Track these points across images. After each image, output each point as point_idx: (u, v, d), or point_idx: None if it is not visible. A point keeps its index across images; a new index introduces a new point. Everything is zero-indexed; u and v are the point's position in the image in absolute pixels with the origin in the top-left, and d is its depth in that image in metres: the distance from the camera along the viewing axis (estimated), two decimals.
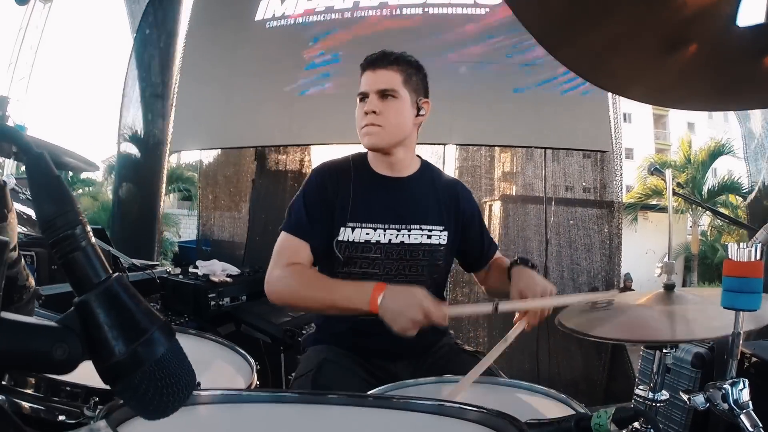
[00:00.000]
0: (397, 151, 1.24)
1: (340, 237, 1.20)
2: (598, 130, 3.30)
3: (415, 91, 1.23)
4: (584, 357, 3.27)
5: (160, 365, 0.39)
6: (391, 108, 1.19)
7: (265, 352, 2.15)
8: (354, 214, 1.20)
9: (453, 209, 1.30)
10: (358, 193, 1.21)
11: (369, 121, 1.19)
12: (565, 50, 0.58)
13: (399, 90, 1.20)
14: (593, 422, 0.60)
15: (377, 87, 1.19)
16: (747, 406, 0.78)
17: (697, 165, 13.73)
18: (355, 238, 1.20)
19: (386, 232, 1.21)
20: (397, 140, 1.22)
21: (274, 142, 3.78)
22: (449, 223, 1.28)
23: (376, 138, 1.20)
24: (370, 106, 1.18)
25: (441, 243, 1.26)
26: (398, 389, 0.98)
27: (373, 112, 1.18)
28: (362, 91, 1.22)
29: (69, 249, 0.38)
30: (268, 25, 3.81)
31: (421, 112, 1.25)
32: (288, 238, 1.19)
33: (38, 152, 0.38)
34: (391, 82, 1.20)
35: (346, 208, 1.20)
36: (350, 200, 1.20)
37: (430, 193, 1.28)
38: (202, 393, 0.62)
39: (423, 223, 1.24)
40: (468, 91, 3.29)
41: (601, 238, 3.34)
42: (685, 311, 1.01)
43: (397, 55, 1.22)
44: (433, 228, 1.25)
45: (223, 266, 2.56)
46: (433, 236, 1.25)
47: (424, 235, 1.24)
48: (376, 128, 1.19)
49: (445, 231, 1.26)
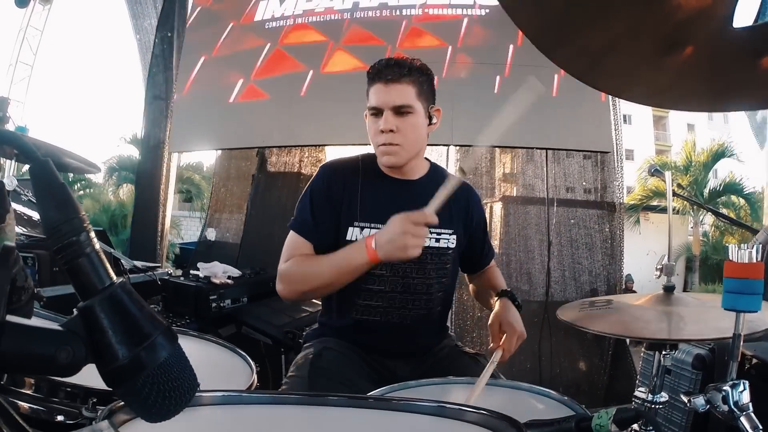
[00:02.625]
0: (410, 162, 1.23)
1: (348, 236, 1.19)
2: (600, 131, 3.30)
3: (428, 101, 1.21)
4: (586, 357, 3.27)
5: (163, 369, 0.39)
6: (408, 124, 1.16)
7: (265, 353, 2.16)
8: (363, 214, 1.19)
9: (463, 214, 1.29)
10: (366, 193, 1.20)
11: (387, 141, 1.15)
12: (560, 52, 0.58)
13: (414, 104, 1.16)
14: (594, 423, 0.61)
15: (392, 104, 1.15)
16: (747, 408, 0.78)
17: (699, 166, 13.73)
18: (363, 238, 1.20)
19: None
20: (415, 154, 1.21)
21: (275, 143, 3.79)
22: (458, 227, 1.27)
23: (396, 158, 1.17)
24: (387, 124, 1.14)
25: (450, 246, 1.26)
26: (401, 390, 0.98)
27: (390, 131, 1.14)
28: (375, 106, 1.17)
29: (74, 255, 0.38)
30: (268, 26, 3.82)
31: (433, 120, 1.23)
32: (294, 237, 1.21)
33: (43, 159, 0.39)
34: (406, 97, 1.15)
35: (355, 208, 1.19)
36: (359, 200, 1.20)
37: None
38: (203, 394, 0.62)
39: (432, 227, 1.21)
40: (469, 91, 3.29)
41: (603, 239, 3.34)
42: (684, 313, 1.01)
43: (409, 66, 1.17)
44: (442, 231, 1.24)
45: (225, 268, 2.56)
46: (442, 240, 1.24)
47: (433, 239, 1.23)
48: (395, 147, 1.16)
49: (454, 235, 1.26)
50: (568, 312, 1.07)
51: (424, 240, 1.01)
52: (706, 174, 13.88)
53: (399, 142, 1.16)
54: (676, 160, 15.27)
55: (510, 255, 3.28)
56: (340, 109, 3.32)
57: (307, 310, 2.38)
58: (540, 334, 3.08)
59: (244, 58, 3.82)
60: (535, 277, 3.28)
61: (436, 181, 1.28)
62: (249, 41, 3.86)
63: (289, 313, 2.35)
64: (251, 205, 3.80)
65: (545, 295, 3.25)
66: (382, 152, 1.19)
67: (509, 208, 3.44)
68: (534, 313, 3.20)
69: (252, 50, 3.82)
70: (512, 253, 3.29)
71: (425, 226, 0.99)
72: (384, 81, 1.16)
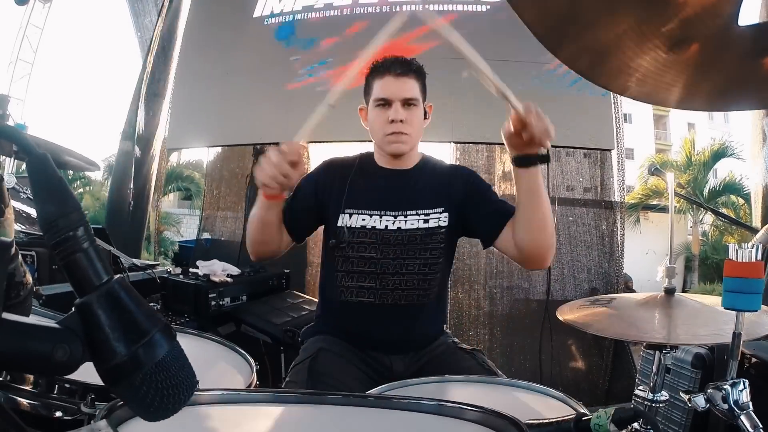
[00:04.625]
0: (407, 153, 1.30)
1: (338, 222, 1.25)
2: (602, 128, 3.29)
3: (424, 98, 1.30)
4: (586, 356, 3.27)
5: (161, 367, 0.39)
6: (414, 116, 1.25)
7: (265, 352, 2.15)
8: (350, 201, 1.25)
9: (449, 188, 1.28)
10: (355, 183, 1.27)
11: (398, 129, 1.23)
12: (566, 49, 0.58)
13: (419, 98, 1.26)
14: (593, 422, 0.61)
15: (402, 95, 1.23)
16: (747, 407, 0.78)
17: (699, 165, 13.73)
18: (351, 224, 1.25)
19: (382, 218, 1.25)
20: (416, 143, 1.30)
21: (271, 140, 3.78)
22: (450, 204, 1.27)
23: (405, 146, 1.26)
24: (397, 114, 1.22)
25: (441, 225, 1.26)
26: (400, 388, 0.98)
27: (401, 120, 1.22)
28: (384, 97, 1.24)
29: (71, 251, 0.38)
30: (266, 21, 3.81)
31: (427, 116, 1.31)
32: None
33: (41, 153, 0.38)
34: (413, 90, 1.25)
35: (341, 197, 1.25)
36: (347, 187, 1.26)
37: (428, 180, 1.30)
38: (202, 393, 0.62)
39: (419, 208, 1.26)
40: (469, 88, 3.28)
41: (604, 238, 3.34)
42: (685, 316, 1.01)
43: (414, 63, 1.27)
44: (431, 211, 1.26)
45: (224, 266, 2.56)
46: (431, 219, 1.26)
47: (421, 220, 1.26)
48: (404, 136, 1.24)
49: (446, 212, 1.26)
50: (568, 312, 1.07)
51: (273, 173, 1.00)
52: (706, 173, 13.88)
53: (407, 132, 1.24)
54: (677, 159, 15.28)
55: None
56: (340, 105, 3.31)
57: (307, 309, 2.38)
58: (540, 332, 3.08)
59: (242, 54, 3.81)
60: (535, 275, 3.27)
61: (429, 168, 1.33)
62: (247, 37, 3.85)
63: (288, 311, 2.35)
64: (250, 204, 3.79)
65: (545, 293, 3.25)
66: (390, 141, 1.24)
67: None
68: (534, 312, 3.20)
69: (250, 46, 3.81)
70: None
71: (282, 161, 1.00)
72: (394, 74, 1.23)
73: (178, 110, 4.04)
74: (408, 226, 1.25)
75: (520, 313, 3.26)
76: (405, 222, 1.25)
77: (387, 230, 1.24)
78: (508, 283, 3.28)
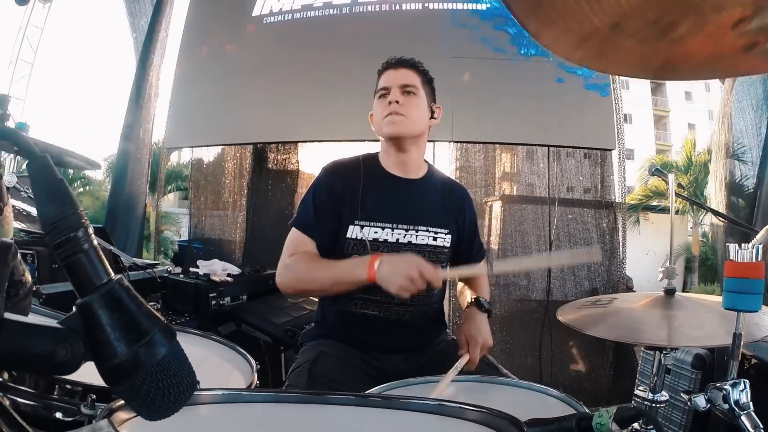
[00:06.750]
0: (411, 149, 1.29)
1: (348, 234, 1.23)
2: (602, 128, 3.29)
3: (430, 96, 1.33)
4: (588, 355, 3.26)
5: (162, 367, 0.39)
6: (412, 102, 1.27)
7: (265, 351, 2.15)
8: (363, 212, 1.23)
9: (456, 213, 1.34)
10: (367, 192, 1.25)
11: (393, 110, 1.25)
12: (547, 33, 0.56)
13: (419, 88, 1.29)
14: (594, 422, 0.61)
15: (400, 82, 1.27)
16: (748, 407, 0.78)
17: (700, 166, 13.71)
18: (363, 236, 1.23)
19: (394, 231, 1.24)
20: (416, 133, 1.28)
21: (270, 139, 3.78)
22: (453, 226, 1.32)
23: (400, 126, 1.25)
24: (394, 96, 1.25)
25: (445, 246, 1.30)
26: (401, 387, 0.98)
27: (396, 102, 1.25)
28: (384, 86, 1.29)
29: (72, 251, 0.38)
30: (266, 20, 3.81)
31: (434, 115, 1.33)
32: (296, 234, 1.25)
33: (41, 155, 0.38)
34: (412, 79, 1.29)
35: (356, 206, 1.23)
36: (359, 198, 1.24)
37: (437, 196, 1.33)
38: (203, 393, 0.62)
39: (430, 225, 1.27)
40: (469, 88, 3.28)
41: (604, 238, 3.33)
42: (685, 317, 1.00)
43: (417, 61, 1.33)
44: (439, 230, 1.29)
45: (224, 266, 2.56)
46: (439, 238, 1.29)
47: (430, 237, 1.27)
48: (399, 117, 1.25)
49: (449, 234, 1.30)
50: (568, 313, 1.07)
51: (415, 291, 1.03)
52: (707, 174, 13.86)
53: (403, 113, 1.25)
54: (677, 159, 15.27)
55: (510, 253, 3.27)
56: (339, 104, 3.31)
57: (307, 308, 2.38)
58: (541, 331, 3.07)
59: (241, 53, 3.81)
60: (535, 275, 3.28)
61: (435, 182, 1.36)
62: (247, 36, 3.85)
63: (288, 311, 2.35)
64: (249, 203, 3.80)
65: (546, 292, 3.25)
66: (387, 122, 1.26)
67: (509, 207, 3.44)
68: (534, 311, 3.20)
69: (250, 45, 3.81)
70: (512, 251, 3.29)
71: (424, 284, 1.02)
72: (394, 67, 1.30)
73: (177, 110, 4.03)
74: (418, 241, 1.26)
75: (520, 312, 3.26)
76: (416, 237, 1.26)
77: (398, 243, 1.24)
78: (508, 282, 3.29)
